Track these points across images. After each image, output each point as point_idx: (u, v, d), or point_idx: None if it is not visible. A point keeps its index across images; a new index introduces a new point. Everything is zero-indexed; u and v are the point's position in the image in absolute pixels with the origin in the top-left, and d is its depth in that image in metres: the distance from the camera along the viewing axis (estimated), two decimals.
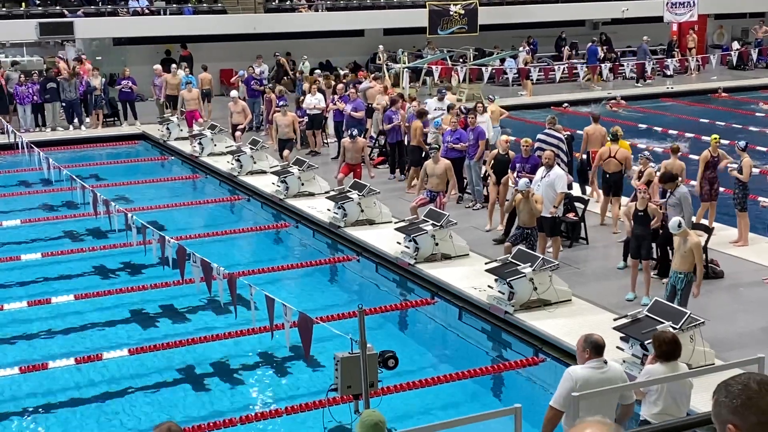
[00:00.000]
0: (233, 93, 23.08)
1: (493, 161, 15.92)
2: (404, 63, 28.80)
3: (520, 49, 32.67)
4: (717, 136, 15.49)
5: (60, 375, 11.07)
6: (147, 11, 30.01)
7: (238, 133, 22.21)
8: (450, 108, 18.91)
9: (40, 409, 10.31)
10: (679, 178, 13.00)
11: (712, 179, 14.94)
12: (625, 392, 7.33)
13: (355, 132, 18.07)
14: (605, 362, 7.34)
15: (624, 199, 15.30)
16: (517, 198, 13.18)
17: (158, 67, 26.40)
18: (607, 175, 15.35)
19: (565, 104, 20.45)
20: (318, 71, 26.82)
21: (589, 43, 32.96)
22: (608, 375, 7.25)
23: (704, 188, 14.90)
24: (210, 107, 25.65)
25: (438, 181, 15.36)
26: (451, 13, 29.63)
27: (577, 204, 15.12)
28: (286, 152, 20.21)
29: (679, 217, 11.13)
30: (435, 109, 19.95)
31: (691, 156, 17.27)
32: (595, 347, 7.30)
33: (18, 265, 15.11)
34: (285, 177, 17.93)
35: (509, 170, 15.28)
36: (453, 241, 14.08)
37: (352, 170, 17.70)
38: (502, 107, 21.05)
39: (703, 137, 18.99)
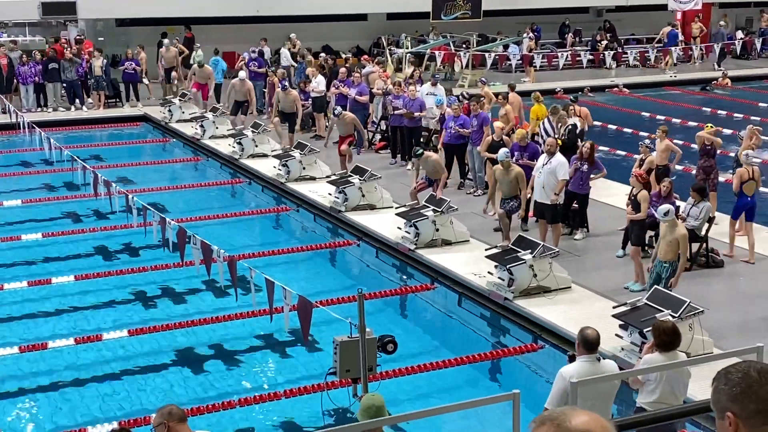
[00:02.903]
0: (241, 74, 22.89)
1: (488, 148, 15.97)
2: (407, 48, 28.69)
3: (524, 35, 32.56)
4: (711, 125, 15.50)
5: (59, 355, 11.09)
6: None
7: (242, 116, 22.21)
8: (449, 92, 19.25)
9: (39, 389, 10.33)
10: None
11: (707, 168, 14.83)
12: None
13: (339, 110, 18.65)
14: (598, 359, 7.22)
15: (623, 187, 15.30)
16: (495, 169, 13.27)
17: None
18: (577, 131, 16.51)
19: (558, 89, 20.65)
20: (323, 55, 26.81)
21: (670, 28, 33.01)
22: (602, 371, 7.13)
23: (699, 177, 14.79)
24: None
25: (433, 170, 15.42)
26: None
27: None
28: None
29: (668, 205, 11.11)
30: (427, 94, 19.88)
31: (693, 145, 17.19)
32: (584, 342, 7.17)
33: (18, 245, 15.12)
34: (286, 160, 17.92)
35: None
36: (454, 227, 14.08)
37: (344, 141, 18.32)
38: (495, 94, 21.02)
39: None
